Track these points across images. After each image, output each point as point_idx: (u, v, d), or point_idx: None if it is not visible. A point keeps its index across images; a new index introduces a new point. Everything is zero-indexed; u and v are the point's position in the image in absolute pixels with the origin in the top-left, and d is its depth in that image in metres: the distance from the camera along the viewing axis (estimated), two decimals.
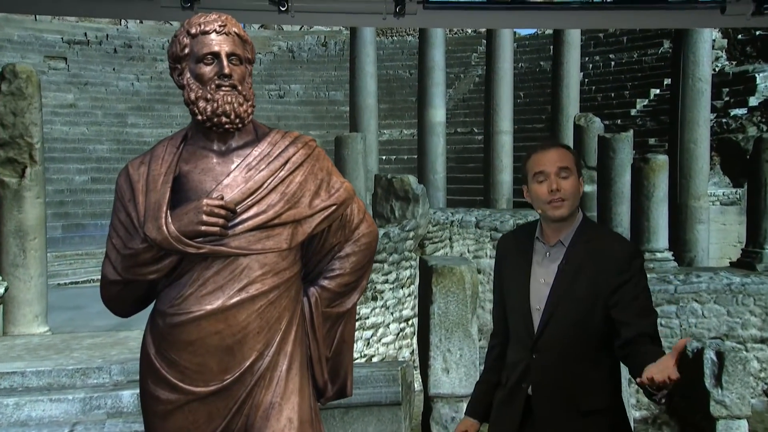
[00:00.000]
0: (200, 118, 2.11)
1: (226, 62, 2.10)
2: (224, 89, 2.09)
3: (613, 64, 18.97)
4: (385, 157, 17.87)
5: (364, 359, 7.21)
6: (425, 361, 4.65)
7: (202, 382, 2.08)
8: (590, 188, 10.40)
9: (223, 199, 2.04)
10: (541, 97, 18.48)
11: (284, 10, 5.67)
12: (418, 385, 5.44)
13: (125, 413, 4.73)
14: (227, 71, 2.09)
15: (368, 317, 7.43)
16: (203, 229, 2.01)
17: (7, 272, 6.15)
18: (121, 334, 5.99)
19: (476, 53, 22.13)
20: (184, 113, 17.14)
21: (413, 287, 7.98)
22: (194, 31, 2.12)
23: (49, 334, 6.20)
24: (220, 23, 2.12)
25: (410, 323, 8.04)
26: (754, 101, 14.57)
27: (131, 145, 17.80)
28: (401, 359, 7.71)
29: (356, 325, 2.58)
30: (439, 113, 14.20)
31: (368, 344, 7.41)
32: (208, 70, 2.10)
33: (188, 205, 2.04)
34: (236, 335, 2.07)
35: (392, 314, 7.84)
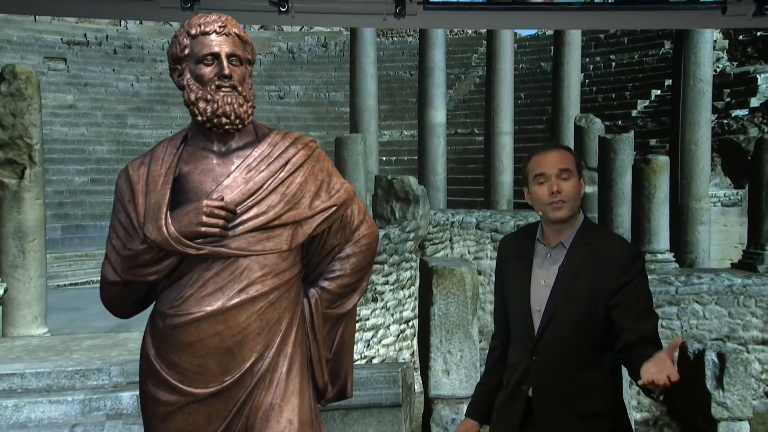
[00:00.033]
0: (200, 118, 2.10)
1: (226, 63, 2.09)
2: (224, 90, 2.09)
3: (613, 64, 18.96)
4: (385, 158, 17.87)
5: (364, 361, 7.20)
6: (426, 362, 4.64)
7: (201, 383, 2.08)
8: (591, 189, 10.39)
9: (223, 200, 2.04)
10: (541, 98, 18.48)
11: (284, 10, 5.66)
12: (418, 386, 5.44)
13: (125, 415, 4.72)
14: (227, 72, 2.09)
15: (368, 318, 7.43)
16: (203, 230, 2.00)
17: (6, 273, 6.15)
18: (120, 335, 5.98)
19: (477, 54, 22.14)
20: (183, 114, 17.13)
21: (414, 288, 7.97)
22: (194, 31, 2.12)
23: (48, 335, 6.20)
24: (220, 24, 2.12)
25: (411, 325, 8.02)
26: (755, 102, 14.57)
27: (131, 146, 17.80)
28: (401, 361, 7.70)
29: (356, 326, 2.57)
30: (439, 114, 14.18)
31: (368, 346, 7.40)
32: (208, 70, 2.10)
33: (188, 206, 2.04)
34: (236, 336, 2.07)
35: (392, 315, 7.83)
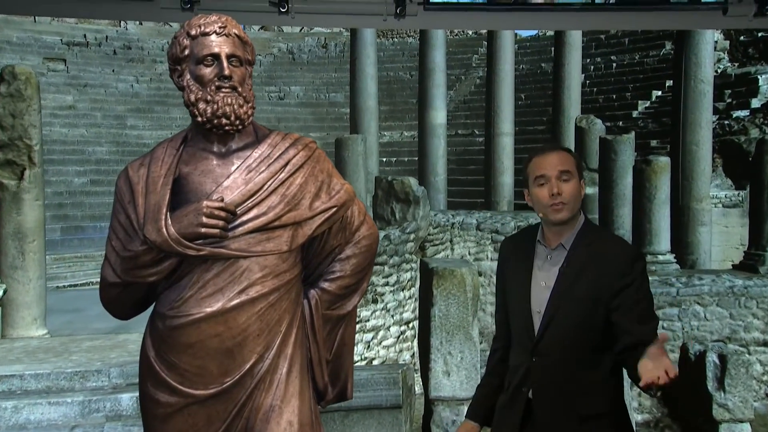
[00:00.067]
0: (200, 119, 2.10)
1: (226, 64, 2.09)
2: (224, 91, 2.09)
3: (614, 65, 18.95)
4: (385, 159, 17.86)
5: (364, 362, 7.20)
6: (426, 363, 4.64)
7: (201, 384, 2.08)
8: (592, 190, 10.38)
9: (223, 201, 2.03)
10: (542, 98, 18.47)
11: (284, 11, 5.64)
12: (418, 388, 5.42)
13: (124, 416, 4.72)
14: (227, 73, 2.09)
15: (369, 320, 7.42)
16: (203, 231, 2.00)
17: (5, 275, 6.14)
18: (120, 336, 5.98)
19: (477, 55, 22.14)
20: (183, 115, 17.14)
21: (414, 290, 7.97)
22: (194, 32, 2.12)
23: (47, 336, 6.19)
24: (220, 24, 2.12)
25: (411, 326, 8.02)
26: (756, 103, 14.56)
27: (130, 147, 17.81)
28: (402, 362, 7.69)
29: (357, 327, 2.56)
30: (439, 115, 14.18)
31: (369, 347, 7.40)
32: (208, 71, 2.09)
33: (188, 207, 2.03)
34: (236, 338, 2.06)
35: (393, 317, 7.82)
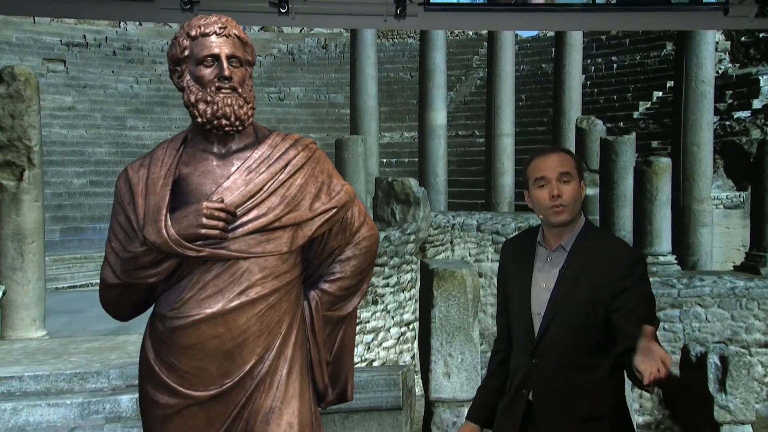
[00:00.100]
0: (200, 120, 2.10)
1: (226, 64, 2.09)
2: (224, 91, 2.09)
3: (615, 66, 18.95)
4: (385, 160, 17.86)
5: (364, 363, 7.19)
6: (426, 365, 4.63)
7: (201, 386, 2.07)
8: (592, 191, 10.38)
9: (223, 201, 2.03)
10: (542, 99, 18.48)
11: (284, 11, 5.63)
12: (419, 389, 5.41)
13: (124, 418, 4.71)
14: (227, 73, 2.09)
15: (369, 321, 7.41)
16: (203, 232, 1.99)
17: (5, 276, 6.13)
18: (119, 338, 5.97)
19: (477, 55, 22.14)
20: (183, 116, 17.14)
21: (414, 291, 7.96)
22: (194, 33, 2.12)
23: (47, 338, 6.18)
24: (220, 25, 2.12)
25: (411, 327, 8.01)
26: (757, 104, 14.56)
27: (130, 148, 17.81)
28: (402, 363, 7.69)
29: (357, 329, 2.55)
30: (440, 116, 14.16)
31: (369, 348, 7.39)
32: (208, 72, 2.09)
33: (188, 208, 2.03)
34: (236, 339, 2.06)
35: (393, 318, 7.82)
